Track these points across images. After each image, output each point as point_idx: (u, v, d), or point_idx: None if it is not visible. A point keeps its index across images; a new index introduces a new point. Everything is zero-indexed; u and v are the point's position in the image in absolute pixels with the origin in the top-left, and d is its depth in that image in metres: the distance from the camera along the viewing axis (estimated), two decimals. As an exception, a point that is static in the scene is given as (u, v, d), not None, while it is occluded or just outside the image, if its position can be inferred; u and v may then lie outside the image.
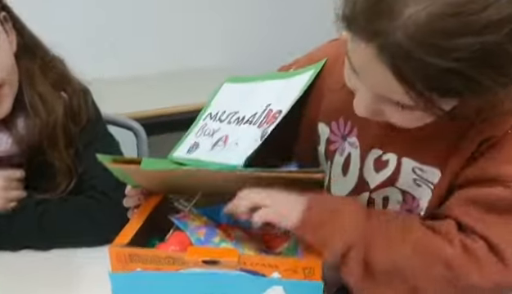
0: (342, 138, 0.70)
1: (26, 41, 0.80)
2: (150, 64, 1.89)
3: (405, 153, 0.64)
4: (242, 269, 0.59)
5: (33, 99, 0.78)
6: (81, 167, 0.82)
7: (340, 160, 0.70)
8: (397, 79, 0.49)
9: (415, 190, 0.64)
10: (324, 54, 0.74)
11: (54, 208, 0.78)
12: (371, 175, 0.67)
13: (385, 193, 0.67)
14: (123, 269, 0.61)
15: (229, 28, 2.00)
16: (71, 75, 0.84)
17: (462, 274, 0.56)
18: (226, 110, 0.77)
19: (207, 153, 0.73)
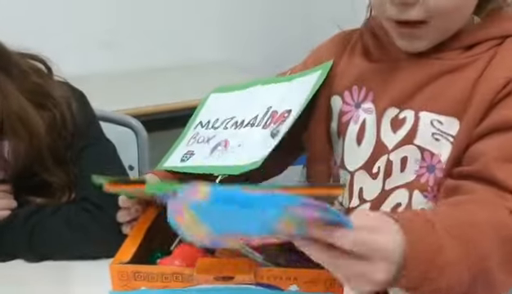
0: (355, 106, 0.72)
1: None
2: (149, 59, 1.89)
3: (423, 107, 0.65)
4: (258, 284, 0.54)
5: (11, 122, 0.72)
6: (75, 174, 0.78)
7: (355, 129, 0.71)
8: None
9: (434, 146, 0.64)
10: (316, 56, 0.78)
11: (45, 222, 0.73)
12: (389, 136, 0.68)
13: (403, 153, 0.67)
14: (126, 288, 0.56)
15: (228, 23, 2.01)
16: (51, 84, 0.78)
17: None
18: (219, 118, 0.78)
19: (205, 159, 0.72)
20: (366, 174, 0.70)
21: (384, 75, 0.69)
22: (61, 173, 0.76)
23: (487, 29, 0.65)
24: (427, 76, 0.66)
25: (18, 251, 0.72)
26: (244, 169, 0.66)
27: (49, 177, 0.76)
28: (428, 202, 0.65)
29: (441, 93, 0.65)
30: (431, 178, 0.64)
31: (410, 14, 0.61)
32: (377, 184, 0.69)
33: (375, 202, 0.69)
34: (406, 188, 0.67)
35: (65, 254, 0.71)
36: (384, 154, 0.68)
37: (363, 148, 0.70)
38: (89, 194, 0.73)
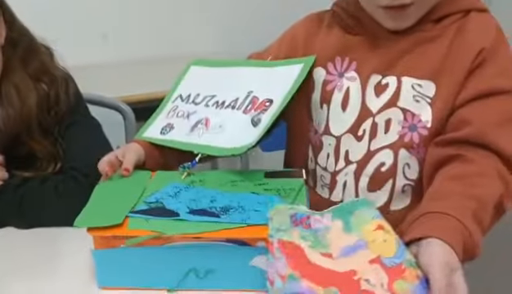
0: (339, 75, 0.77)
1: (13, 34, 0.81)
2: (140, 49, 1.90)
3: (404, 73, 0.72)
4: (228, 240, 0.58)
5: (8, 89, 0.79)
6: (62, 147, 0.82)
7: (339, 96, 0.76)
8: None
9: (415, 107, 0.72)
10: (292, 34, 0.84)
11: (34, 190, 0.77)
12: (373, 100, 0.74)
13: (387, 115, 0.73)
14: (107, 246, 0.59)
15: (220, 13, 2.01)
16: (53, 65, 0.85)
17: None
18: (199, 93, 0.80)
19: (186, 136, 0.75)
20: (352, 137, 0.75)
21: (365, 46, 0.76)
22: (48, 144, 0.81)
23: (453, 4, 0.73)
24: (406, 46, 0.73)
25: (9, 219, 0.75)
26: (225, 153, 0.71)
27: (35, 146, 0.80)
28: (411, 157, 0.72)
29: (418, 60, 0.72)
30: (415, 136, 0.71)
31: (403, 0, 0.68)
32: (363, 146, 0.75)
33: (360, 163, 0.75)
34: (389, 148, 0.73)
35: (53, 220, 0.74)
36: (369, 117, 0.74)
37: (348, 113, 0.75)
38: (76, 164, 0.77)
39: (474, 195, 0.62)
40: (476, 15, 0.72)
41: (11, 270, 0.67)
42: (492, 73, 0.69)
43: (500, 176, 0.66)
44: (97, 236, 0.58)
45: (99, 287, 0.62)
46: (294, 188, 0.64)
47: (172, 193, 0.64)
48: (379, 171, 0.74)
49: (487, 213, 0.63)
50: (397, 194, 0.74)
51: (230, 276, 0.59)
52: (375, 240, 0.55)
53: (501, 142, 0.67)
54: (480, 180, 0.64)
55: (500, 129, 0.68)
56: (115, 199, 0.63)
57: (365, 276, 0.52)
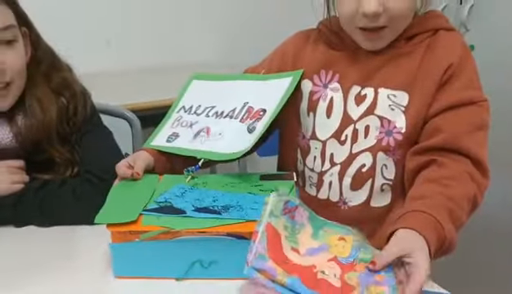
0: (324, 86, 0.85)
1: (38, 53, 0.89)
2: (145, 58, 1.95)
3: (380, 84, 0.80)
4: (229, 234, 0.66)
5: (32, 101, 0.87)
6: (79, 154, 0.90)
7: (324, 105, 0.84)
8: None
9: (390, 114, 0.80)
10: (282, 50, 0.91)
11: (54, 192, 0.84)
12: (354, 109, 0.82)
13: (366, 122, 0.82)
14: (123, 241, 0.67)
15: (222, 25, 2.06)
16: (73, 81, 0.93)
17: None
18: (200, 105, 0.88)
19: (190, 143, 0.83)
20: (336, 141, 0.83)
21: (347, 61, 0.84)
22: (65, 151, 0.89)
23: (423, 24, 0.81)
24: (382, 61, 0.81)
25: (31, 218, 0.83)
26: (224, 157, 0.79)
27: (54, 153, 0.88)
28: (388, 158, 0.80)
29: (393, 73, 0.80)
30: (391, 140, 0.80)
31: (378, 22, 0.76)
32: (345, 149, 0.83)
33: (343, 165, 0.83)
34: (369, 151, 0.81)
35: (71, 219, 0.82)
36: (351, 124, 0.82)
37: (332, 120, 0.83)
38: (92, 168, 0.85)
39: (448, 195, 0.70)
40: (444, 34, 0.80)
41: (35, 263, 0.75)
42: (461, 86, 0.77)
43: (472, 177, 0.75)
44: (115, 231, 0.66)
45: (114, 277, 0.69)
46: (285, 189, 0.72)
47: (179, 193, 0.73)
48: (360, 172, 0.82)
49: (460, 209, 0.71)
50: (376, 192, 0.82)
51: (230, 266, 0.66)
52: (337, 245, 0.65)
53: (472, 147, 0.75)
54: (453, 182, 0.72)
55: (470, 136, 0.76)
56: (129, 199, 0.71)
57: (321, 269, 0.62)
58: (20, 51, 0.84)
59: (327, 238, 0.67)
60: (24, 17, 0.88)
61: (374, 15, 0.75)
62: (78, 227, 0.82)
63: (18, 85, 0.85)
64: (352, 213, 0.84)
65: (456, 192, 0.72)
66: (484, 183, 0.76)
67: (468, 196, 0.73)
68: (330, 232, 0.68)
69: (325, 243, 0.66)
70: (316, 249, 0.65)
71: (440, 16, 0.83)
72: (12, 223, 0.83)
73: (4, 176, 0.84)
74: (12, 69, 0.83)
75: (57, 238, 0.81)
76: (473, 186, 0.74)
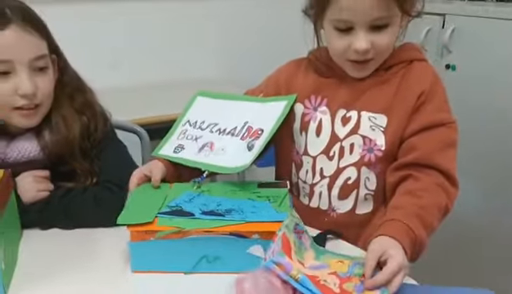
0: (313, 109, 0.96)
1: (65, 78, 1.00)
2: (151, 76, 2.03)
3: (362, 108, 0.91)
4: (231, 234, 0.77)
5: (57, 119, 0.98)
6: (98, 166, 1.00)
7: (314, 126, 0.95)
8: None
9: (371, 134, 0.90)
10: (276, 77, 1.02)
11: (77, 198, 0.94)
12: (340, 129, 0.92)
13: (351, 140, 0.91)
14: (140, 239, 0.77)
15: (224, 44, 2.15)
16: (94, 102, 1.03)
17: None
18: (204, 120, 0.97)
19: (195, 155, 0.93)
20: (325, 157, 0.94)
21: (333, 87, 0.95)
22: (86, 163, 0.99)
23: (399, 56, 0.92)
24: (364, 87, 0.92)
25: (56, 221, 0.93)
26: (226, 171, 0.88)
27: (76, 165, 0.98)
28: (370, 172, 0.91)
29: (373, 99, 0.91)
30: (372, 156, 0.90)
31: (367, 56, 0.88)
32: (333, 164, 0.93)
33: (332, 177, 0.94)
34: (354, 166, 0.92)
35: (92, 222, 0.92)
36: (338, 142, 0.93)
37: (321, 138, 0.94)
38: (110, 177, 0.95)
39: (421, 205, 0.81)
40: (417, 64, 0.92)
41: (60, 261, 0.84)
42: (432, 110, 0.88)
43: (442, 188, 0.85)
44: (134, 231, 0.77)
45: (132, 271, 0.79)
46: (280, 195, 0.83)
47: (188, 199, 0.84)
48: (347, 184, 0.92)
49: (431, 216, 0.81)
50: (360, 201, 0.93)
51: (232, 261, 0.76)
52: (336, 265, 0.74)
53: (442, 163, 0.86)
54: (425, 193, 0.83)
55: (440, 153, 0.87)
56: (145, 204, 0.82)
57: (324, 278, 0.70)
58: (50, 77, 0.95)
59: (327, 261, 0.76)
60: (55, 46, 0.99)
61: (364, 52, 0.86)
62: (97, 229, 0.92)
63: (46, 105, 0.96)
64: (339, 219, 0.94)
65: (428, 202, 0.82)
66: (454, 192, 0.87)
67: (438, 205, 0.83)
68: (330, 257, 0.77)
69: (326, 263, 0.75)
70: (318, 266, 0.74)
71: (414, 49, 0.94)
72: (38, 226, 0.93)
73: (31, 185, 0.94)
74: (43, 93, 0.94)
75: (79, 239, 0.91)
76: (444, 196, 0.85)
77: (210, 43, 2.15)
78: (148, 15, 2.01)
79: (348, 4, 0.84)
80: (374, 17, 0.84)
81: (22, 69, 0.90)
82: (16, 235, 0.89)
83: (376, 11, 0.83)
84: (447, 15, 1.57)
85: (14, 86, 0.91)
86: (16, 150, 0.96)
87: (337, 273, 0.72)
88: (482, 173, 1.53)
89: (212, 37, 2.14)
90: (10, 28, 0.89)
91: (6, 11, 0.89)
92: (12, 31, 0.89)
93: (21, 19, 0.90)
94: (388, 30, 0.86)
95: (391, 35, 0.87)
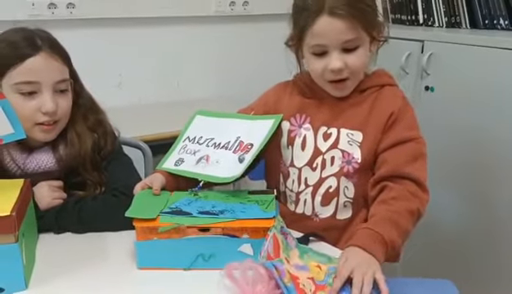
0: (298, 126, 1.06)
1: (80, 101, 1.12)
2: (152, 96, 2.14)
3: (341, 125, 1.02)
4: (224, 234, 0.87)
5: (72, 135, 1.10)
6: (106, 177, 1.11)
7: (299, 141, 1.05)
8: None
9: (349, 148, 1.01)
10: (265, 99, 1.13)
11: (88, 205, 1.05)
12: (322, 144, 1.03)
13: (332, 154, 1.02)
14: (145, 238, 0.88)
15: (222, 66, 2.26)
16: (105, 122, 1.15)
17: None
18: (202, 136, 1.07)
19: (193, 167, 1.02)
20: (309, 168, 1.05)
21: (315, 107, 1.06)
22: (96, 175, 1.10)
23: (372, 81, 1.04)
24: (342, 107, 1.03)
25: (69, 226, 1.03)
26: (220, 181, 0.98)
27: (87, 176, 1.09)
28: (349, 182, 1.02)
29: (350, 117, 1.02)
30: (350, 168, 1.01)
31: (342, 75, 0.99)
32: (316, 174, 1.04)
33: (315, 186, 1.04)
34: (334, 176, 1.03)
35: (102, 225, 1.02)
36: (320, 155, 1.04)
37: (306, 152, 1.05)
38: (117, 186, 1.06)
39: (393, 210, 0.91)
40: (388, 89, 1.04)
41: (74, 260, 0.94)
42: (401, 128, 0.99)
43: (414, 195, 0.95)
44: (139, 227, 0.87)
45: (138, 268, 0.90)
46: (267, 200, 0.94)
47: (186, 203, 0.94)
48: (328, 192, 1.03)
49: (404, 219, 0.91)
50: (340, 208, 1.04)
51: (225, 259, 0.84)
52: (314, 270, 0.84)
53: (412, 172, 0.96)
54: (397, 200, 0.93)
55: (410, 163, 0.97)
56: (150, 205, 0.92)
57: (303, 282, 0.80)
58: (69, 98, 1.08)
59: (309, 262, 0.85)
60: (74, 72, 1.11)
61: (339, 70, 0.98)
62: (106, 233, 1.02)
63: (63, 122, 1.08)
64: (322, 224, 1.05)
65: (399, 207, 0.92)
66: (425, 198, 0.96)
67: (410, 209, 0.93)
68: (311, 258, 0.87)
69: (307, 265, 0.84)
70: (301, 267, 0.83)
71: (385, 75, 1.06)
72: (53, 230, 1.03)
73: (47, 193, 1.05)
74: (62, 112, 1.06)
75: (90, 241, 1.01)
76: (416, 201, 0.95)
77: (208, 66, 2.25)
78: (151, 41, 2.13)
79: (320, 30, 0.96)
80: (344, 40, 0.95)
81: (47, 90, 1.02)
82: (34, 237, 1.00)
83: (345, 35, 0.95)
84: (426, 41, 1.69)
85: (38, 104, 1.02)
86: (35, 162, 1.08)
87: (314, 279, 0.81)
88: (459, 183, 1.63)
89: (210, 61, 2.25)
90: (40, 54, 1.02)
91: (37, 40, 1.03)
92: (42, 57, 1.02)
93: (49, 47, 1.03)
94: (359, 52, 0.97)
95: (362, 56, 0.98)
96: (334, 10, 0.93)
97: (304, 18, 0.97)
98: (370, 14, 0.97)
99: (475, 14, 1.72)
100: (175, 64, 2.20)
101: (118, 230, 1.01)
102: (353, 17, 0.94)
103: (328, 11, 0.94)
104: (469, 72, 1.57)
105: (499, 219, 1.55)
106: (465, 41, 1.59)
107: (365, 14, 0.96)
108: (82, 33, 1.97)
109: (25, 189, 0.92)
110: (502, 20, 1.65)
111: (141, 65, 2.12)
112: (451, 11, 1.79)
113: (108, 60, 2.05)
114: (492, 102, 1.51)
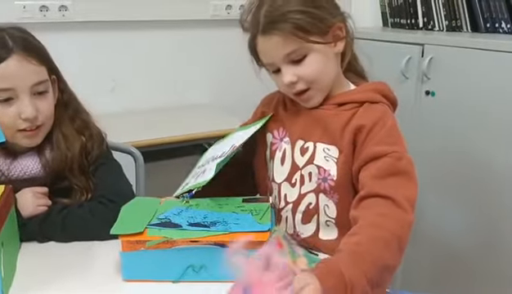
0: (280, 140, 1.01)
1: (64, 97, 1.07)
2: (146, 101, 2.11)
3: (318, 140, 0.95)
4: (216, 244, 0.82)
5: (58, 138, 1.05)
6: (93, 182, 1.07)
7: (279, 155, 1.00)
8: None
9: (325, 164, 0.93)
10: (256, 111, 1.09)
11: (74, 213, 1.00)
12: (299, 158, 0.96)
13: (309, 169, 0.95)
14: (131, 249, 0.83)
15: (214, 72, 2.23)
16: (92, 124, 1.10)
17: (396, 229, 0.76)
18: (207, 158, 1.05)
19: (193, 180, 0.99)
20: (288, 184, 0.98)
21: (292, 119, 1.00)
22: (83, 179, 1.05)
23: (352, 96, 0.96)
24: (317, 120, 0.95)
25: (53, 235, 0.98)
26: (202, 184, 0.92)
27: (74, 181, 1.04)
28: (328, 200, 0.94)
29: (326, 131, 0.94)
30: (326, 185, 0.93)
31: (297, 88, 0.93)
32: (296, 191, 0.97)
33: (295, 203, 0.98)
34: (313, 192, 0.95)
35: (88, 234, 0.97)
36: (298, 171, 0.97)
37: (285, 167, 0.99)
38: (105, 193, 1.01)
39: (355, 242, 0.74)
40: (367, 106, 0.92)
41: (56, 271, 0.89)
42: (373, 144, 0.87)
43: (388, 216, 0.78)
44: (125, 241, 0.83)
45: (123, 280, 0.85)
46: (262, 209, 0.89)
47: (176, 212, 0.90)
48: (308, 209, 0.95)
49: (368, 250, 0.72)
50: (322, 226, 0.95)
51: (217, 270, 0.80)
52: None
53: (384, 190, 0.80)
54: (363, 229, 0.76)
55: (382, 180, 0.82)
56: (137, 217, 0.88)
57: None
58: (49, 100, 1.03)
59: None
60: (55, 69, 1.06)
61: (291, 84, 0.92)
62: (91, 242, 0.97)
63: (47, 126, 1.03)
64: (304, 243, 0.96)
65: (363, 238, 0.74)
66: (406, 218, 0.78)
67: (380, 237, 0.74)
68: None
69: None
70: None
71: (370, 91, 0.95)
72: (36, 239, 0.99)
73: (30, 200, 1.00)
74: (44, 115, 1.01)
75: (74, 251, 0.96)
76: (391, 223, 0.76)
77: (203, 71, 2.22)
78: (145, 45, 2.10)
79: (262, 50, 0.93)
80: (284, 54, 0.90)
81: (24, 95, 0.97)
82: (15, 247, 0.95)
83: (283, 49, 0.89)
84: (426, 44, 1.66)
85: (17, 110, 0.98)
86: (19, 167, 1.03)
87: None
88: (460, 188, 1.60)
89: (206, 65, 2.23)
90: (12, 58, 0.95)
91: (8, 42, 0.96)
92: (14, 60, 0.95)
93: (22, 48, 0.97)
94: (308, 60, 0.90)
95: (313, 64, 0.90)
96: (264, 29, 0.90)
97: (250, 40, 0.95)
98: (306, 21, 0.88)
99: (476, 17, 1.69)
100: (170, 69, 2.17)
101: (105, 240, 0.96)
102: (284, 31, 0.88)
103: (261, 31, 0.90)
104: (471, 76, 1.53)
105: (500, 225, 1.50)
106: (467, 44, 1.56)
107: (298, 24, 0.88)
108: (74, 36, 1.95)
109: (5, 196, 0.88)
110: (504, 23, 1.62)
111: (136, 70, 2.10)
112: (452, 15, 1.76)
113: (101, 65, 2.02)
114: (495, 107, 1.48)
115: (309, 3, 0.90)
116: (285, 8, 0.89)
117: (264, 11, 0.90)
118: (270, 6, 0.90)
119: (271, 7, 0.90)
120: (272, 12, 0.89)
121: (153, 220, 0.87)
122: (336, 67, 0.96)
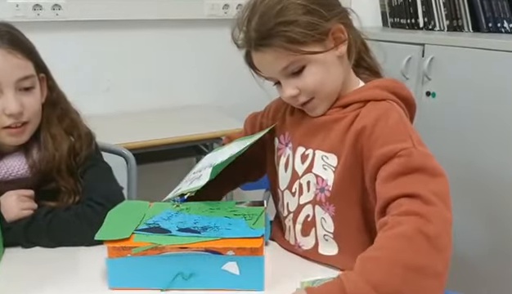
0: (285, 145, 0.97)
1: (53, 96, 1.03)
2: (141, 102, 2.08)
3: (317, 147, 0.89)
4: (206, 250, 0.78)
5: (46, 137, 1.01)
6: (82, 185, 1.03)
7: (284, 160, 0.96)
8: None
9: (323, 173, 0.87)
10: (268, 109, 1.04)
11: (60, 216, 0.96)
12: (299, 166, 0.92)
13: (307, 178, 0.90)
14: (117, 256, 0.79)
15: (207, 73, 2.20)
16: (81, 124, 1.06)
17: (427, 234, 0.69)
18: (204, 163, 1.02)
19: (187, 185, 0.96)
20: (289, 193, 0.94)
21: (295, 124, 0.95)
22: (71, 181, 1.01)
23: (355, 96, 0.88)
24: (319, 125, 0.90)
25: (39, 239, 0.94)
26: (196, 188, 0.90)
27: (62, 182, 1.00)
28: (325, 213, 0.88)
29: (326, 137, 0.87)
30: (323, 196, 0.88)
31: (300, 100, 0.88)
32: (295, 200, 0.93)
33: (295, 213, 0.93)
34: (310, 204, 0.90)
35: (74, 239, 0.93)
36: (297, 179, 0.92)
37: (287, 174, 0.94)
38: (93, 196, 0.97)
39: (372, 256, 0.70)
40: (372, 104, 0.85)
41: (41, 278, 0.86)
42: (378, 147, 0.79)
43: (410, 214, 0.71)
44: (111, 247, 0.79)
45: (109, 288, 0.81)
46: (256, 213, 0.85)
47: (166, 217, 0.86)
48: (307, 221, 0.90)
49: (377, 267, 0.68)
50: (321, 241, 0.89)
51: (207, 278, 0.78)
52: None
53: (400, 190, 0.73)
54: (380, 251, 0.70)
55: (395, 181, 0.75)
56: (124, 221, 0.84)
57: None
58: (36, 96, 0.99)
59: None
60: (43, 65, 1.02)
61: (292, 97, 0.86)
62: (78, 248, 0.94)
63: (34, 123, 0.99)
64: (306, 256, 0.92)
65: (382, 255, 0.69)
66: (432, 211, 0.72)
67: (400, 236, 0.70)
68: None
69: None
70: None
71: (374, 88, 0.88)
72: (21, 244, 0.95)
73: (15, 204, 0.96)
74: (29, 111, 0.97)
75: (60, 256, 0.93)
76: (411, 225, 0.70)
77: (200, 71, 2.20)
78: (140, 44, 2.07)
79: (259, 65, 0.88)
80: (282, 67, 0.85)
81: (8, 90, 0.94)
82: (-2, 252, 0.91)
83: (279, 65, 0.84)
84: (426, 44, 1.62)
85: (1, 106, 0.94)
86: (5, 168, 0.99)
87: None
88: (462, 190, 1.56)
89: (202, 66, 2.20)
90: None
91: None
92: None
93: (6, 42, 0.93)
94: (308, 71, 0.84)
95: (313, 74, 0.85)
96: (256, 46, 0.85)
97: (245, 56, 0.91)
98: (296, 32, 0.81)
99: (478, 17, 1.65)
100: (166, 69, 2.15)
101: (92, 245, 0.92)
102: (275, 46, 0.82)
103: (253, 48, 0.86)
104: (472, 76, 1.50)
105: (502, 226, 1.47)
106: (468, 44, 1.52)
107: (288, 37, 0.81)
108: (68, 35, 1.93)
109: (-12, 199, 0.84)
110: (507, 22, 1.58)
111: (131, 70, 2.07)
112: (453, 15, 1.72)
113: (96, 65, 2.00)
114: (497, 108, 1.44)
115: (299, 10, 0.82)
116: (274, 20, 0.82)
117: (253, 25, 0.84)
118: (259, 18, 0.83)
119: (261, 20, 0.83)
120: (261, 27, 0.83)
121: (141, 224, 0.83)
122: (341, 70, 0.88)
